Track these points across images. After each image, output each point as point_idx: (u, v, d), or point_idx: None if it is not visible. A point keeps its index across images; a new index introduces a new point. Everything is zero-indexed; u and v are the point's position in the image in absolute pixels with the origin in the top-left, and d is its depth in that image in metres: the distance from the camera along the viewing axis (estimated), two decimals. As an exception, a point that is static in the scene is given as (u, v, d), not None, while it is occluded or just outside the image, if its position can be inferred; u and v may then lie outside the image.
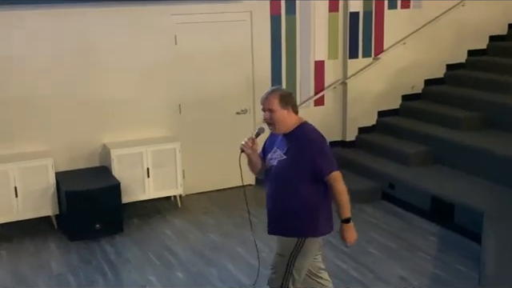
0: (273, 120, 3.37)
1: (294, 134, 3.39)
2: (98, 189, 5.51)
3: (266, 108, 3.39)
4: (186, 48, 6.24)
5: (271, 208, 3.51)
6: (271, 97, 3.37)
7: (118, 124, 6.09)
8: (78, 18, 5.72)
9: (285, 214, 3.44)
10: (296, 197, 3.39)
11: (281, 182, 3.41)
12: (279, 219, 3.48)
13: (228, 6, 6.30)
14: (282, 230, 3.48)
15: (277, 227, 3.50)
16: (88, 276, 4.70)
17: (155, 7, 5.99)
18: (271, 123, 3.39)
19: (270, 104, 3.36)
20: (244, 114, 6.67)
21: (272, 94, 3.38)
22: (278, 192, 3.46)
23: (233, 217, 5.92)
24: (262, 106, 3.41)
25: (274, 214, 3.51)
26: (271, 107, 3.35)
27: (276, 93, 3.39)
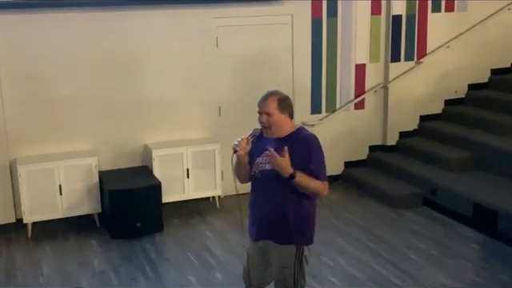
0: (270, 123, 3.27)
1: (290, 138, 3.29)
2: (139, 188, 5.60)
3: (263, 111, 3.29)
4: (227, 51, 6.29)
5: (275, 214, 3.29)
6: (269, 100, 3.28)
7: (159, 125, 6.18)
8: (122, 20, 5.83)
9: (286, 222, 3.27)
10: (299, 204, 3.29)
11: (280, 188, 3.24)
12: (279, 228, 3.29)
13: (269, 9, 6.32)
14: (282, 238, 3.29)
15: (275, 235, 3.30)
16: (129, 274, 4.78)
17: (197, 10, 6.06)
18: (268, 126, 3.29)
19: (267, 107, 3.27)
20: (285, 116, 6.66)
21: (270, 97, 3.30)
22: (278, 197, 3.27)
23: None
24: (259, 108, 3.31)
25: (277, 221, 3.29)
26: (269, 110, 3.27)
27: (274, 96, 3.31)
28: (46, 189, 5.51)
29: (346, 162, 7.05)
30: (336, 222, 5.81)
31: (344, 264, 4.91)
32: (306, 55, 6.61)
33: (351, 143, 7.01)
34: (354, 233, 5.54)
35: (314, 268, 4.81)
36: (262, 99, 3.32)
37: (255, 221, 3.37)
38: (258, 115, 3.33)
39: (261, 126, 3.33)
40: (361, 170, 6.96)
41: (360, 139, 7.05)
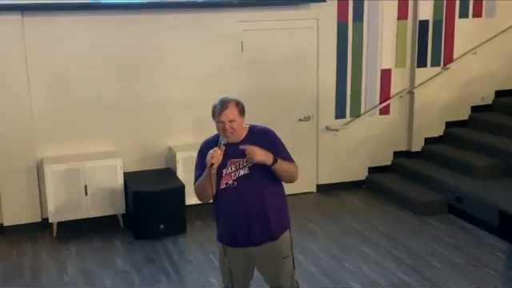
0: (233, 130, 3.27)
1: (250, 138, 3.33)
2: (163, 190, 5.65)
3: (226, 119, 3.24)
4: (251, 54, 6.31)
5: (256, 218, 3.29)
6: (230, 107, 3.27)
7: (183, 127, 6.22)
8: (149, 24, 5.89)
9: (275, 215, 3.34)
10: (276, 193, 3.39)
11: (259, 187, 3.28)
12: (272, 223, 3.33)
13: (295, 13, 6.32)
14: (278, 231, 3.37)
15: (272, 233, 3.35)
16: (151, 275, 4.81)
17: (223, 14, 6.09)
18: (232, 133, 3.27)
19: (231, 115, 3.26)
20: (307, 121, 6.66)
21: (230, 104, 3.28)
22: (259, 199, 3.28)
23: (292, 223, 5.80)
24: (221, 117, 3.25)
25: (262, 223, 3.30)
26: (232, 117, 3.25)
27: (233, 102, 3.30)
28: (71, 189, 5.58)
29: (369, 167, 6.99)
30: (359, 228, 5.77)
31: (366, 270, 4.87)
32: (331, 59, 6.59)
33: (375, 149, 6.96)
34: (376, 239, 5.50)
35: (336, 274, 4.81)
36: (222, 108, 3.27)
37: (233, 231, 3.33)
38: (220, 125, 3.26)
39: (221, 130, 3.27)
40: (385, 176, 6.90)
41: (384, 145, 7.00)
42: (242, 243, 3.35)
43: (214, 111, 3.32)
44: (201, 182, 3.30)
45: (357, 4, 6.55)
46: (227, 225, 3.37)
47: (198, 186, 3.34)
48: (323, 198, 6.68)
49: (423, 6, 6.73)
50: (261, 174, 3.26)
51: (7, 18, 5.37)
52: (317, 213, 6.24)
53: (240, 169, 3.27)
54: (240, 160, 3.27)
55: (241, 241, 3.34)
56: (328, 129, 6.72)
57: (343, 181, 6.87)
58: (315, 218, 6.08)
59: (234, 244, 3.37)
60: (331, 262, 5.04)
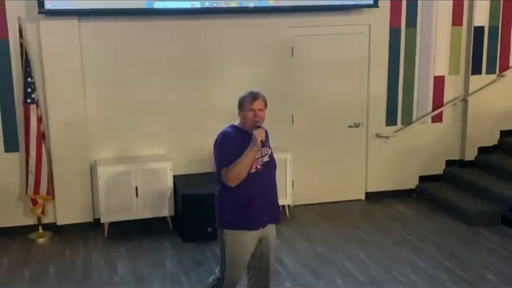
0: (261, 118, 3.65)
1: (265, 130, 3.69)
2: (211, 194, 5.63)
3: (257, 108, 3.63)
4: (302, 60, 6.29)
5: (273, 200, 3.78)
6: (261, 97, 3.67)
7: (232, 132, 6.24)
8: (199, 29, 5.95)
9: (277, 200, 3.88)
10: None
11: (274, 173, 3.79)
12: (278, 206, 3.88)
13: (347, 18, 6.28)
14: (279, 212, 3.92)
15: (278, 214, 3.86)
16: (200, 277, 4.84)
17: (274, 20, 6.10)
18: (261, 121, 3.64)
19: (262, 104, 3.66)
20: (356, 127, 6.59)
21: (260, 95, 3.68)
22: (273, 184, 3.78)
23: (341, 231, 5.86)
24: (255, 105, 3.62)
25: (274, 205, 3.80)
26: (261, 107, 3.65)
27: (261, 94, 3.70)
28: (123, 190, 5.69)
29: (420, 176, 6.85)
30: (409, 238, 5.65)
31: (416, 280, 4.77)
32: (383, 65, 6.51)
33: (427, 157, 6.82)
34: (427, 249, 5.37)
35: (385, 283, 4.73)
36: (254, 98, 3.64)
37: (255, 214, 3.63)
38: (251, 113, 3.61)
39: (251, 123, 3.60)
40: (436, 185, 6.74)
41: (436, 153, 6.85)
42: (265, 223, 3.68)
43: (244, 101, 3.66)
44: (245, 163, 3.53)
45: (410, 9, 6.45)
46: (246, 207, 3.60)
47: (242, 167, 3.53)
48: (372, 206, 6.58)
49: (479, 11, 6.57)
50: (273, 162, 3.75)
51: (65, 22, 5.53)
52: (365, 221, 6.15)
53: (264, 156, 3.66)
54: (263, 148, 3.65)
55: (265, 221, 3.68)
56: (378, 136, 6.62)
57: (393, 189, 6.76)
58: (364, 226, 6.00)
59: (257, 225, 3.65)
60: (380, 270, 4.96)
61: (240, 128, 3.69)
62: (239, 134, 3.64)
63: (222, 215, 3.71)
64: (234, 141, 3.60)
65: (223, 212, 3.70)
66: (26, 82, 5.45)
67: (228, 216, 3.67)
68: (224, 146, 3.64)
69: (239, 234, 3.63)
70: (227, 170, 3.54)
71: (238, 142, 3.59)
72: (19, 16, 5.42)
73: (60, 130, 5.68)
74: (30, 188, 5.57)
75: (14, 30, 5.44)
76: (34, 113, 5.47)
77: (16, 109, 5.62)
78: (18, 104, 5.59)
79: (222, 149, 3.64)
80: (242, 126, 3.69)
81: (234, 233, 3.64)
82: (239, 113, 3.71)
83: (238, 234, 3.63)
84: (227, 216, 3.67)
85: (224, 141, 3.66)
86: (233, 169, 3.52)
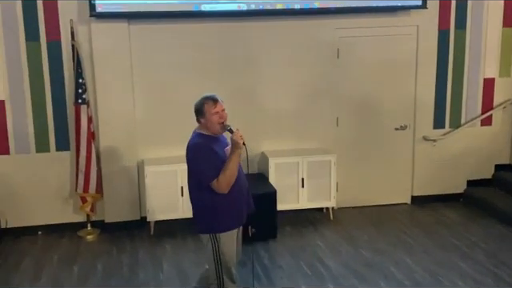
0: (225, 118, 3.75)
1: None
2: (255, 195, 5.65)
3: (221, 109, 3.73)
4: (347, 61, 6.25)
5: (247, 189, 3.94)
6: (219, 98, 3.76)
7: (276, 133, 6.27)
8: (245, 30, 6.00)
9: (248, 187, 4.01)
10: None
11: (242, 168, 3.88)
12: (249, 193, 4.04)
13: (394, 19, 6.20)
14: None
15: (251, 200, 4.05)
16: (243, 278, 4.84)
17: (319, 21, 6.08)
18: (225, 121, 3.73)
19: (222, 104, 3.75)
20: (403, 130, 6.49)
21: (218, 97, 3.77)
22: (242, 173, 3.85)
23: (386, 234, 5.79)
24: (217, 107, 3.71)
25: (248, 193, 3.98)
26: (223, 107, 3.75)
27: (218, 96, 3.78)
28: (169, 190, 5.78)
29: (468, 180, 6.70)
30: (456, 243, 5.54)
31: (463, 286, 4.67)
32: (431, 68, 6.40)
33: (475, 161, 6.66)
34: (475, 255, 5.25)
35: (432, 288, 4.65)
36: (215, 100, 3.74)
37: (241, 207, 3.81)
38: (216, 115, 3.70)
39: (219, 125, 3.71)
40: (485, 190, 6.58)
41: (485, 157, 6.68)
42: (245, 215, 3.88)
43: (205, 107, 3.71)
44: (234, 168, 3.63)
45: (459, 10, 6.33)
46: (234, 206, 3.74)
47: (232, 173, 3.63)
48: (418, 211, 6.47)
49: (532, 12, 6.39)
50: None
51: (115, 25, 5.66)
52: (411, 225, 6.06)
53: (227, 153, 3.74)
54: (228, 147, 3.75)
55: (245, 213, 3.88)
56: (425, 139, 6.51)
57: (440, 193, 6.63)
58: (410, 230, 5.91)
59: (241, 222, 3.84)
60: (426, 275, 4.87)
61: (207, 135, 3.74)
62: (210, 141, 3.72)
63: (210, 221, 3.72)
64: (212, 150, 3.66)
65: (212, 218, 3.71)
66: (77, 83, 5.61)
67: (221, 220, 3.72)
68: (205, 158, 3.66)
69: (233, 233, 3.77)
70: (218, 180, 3.60)
71: (214, 150, 3.67)
72: (71, 19, 5.58)
73: (109, 129, 5.82)
74: (80, 186, 5.73)
75: (66, 32, 5.61)
76: (84, 113, 5.63)
77: (67, 109, 5.79)
78: (70, 104, 5.76)
79: (205, 161, 3.65)
80: (208, 131, 3.75)
81: (228, 234, 3.74)
82: (200, 120, 3.75)
83: (232, 234, 3.76)
84: (220, 221, 3.72)
85: (203, 153, 3.67)
86: (224, 177, 3.60)
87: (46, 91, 5.73)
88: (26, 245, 5.66)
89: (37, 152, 5.81)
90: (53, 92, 5.75)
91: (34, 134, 5.78)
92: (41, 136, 5.79)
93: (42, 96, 5.72)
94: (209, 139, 3.72)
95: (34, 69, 5.67)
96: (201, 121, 3.74)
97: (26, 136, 5.76)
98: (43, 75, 5.70)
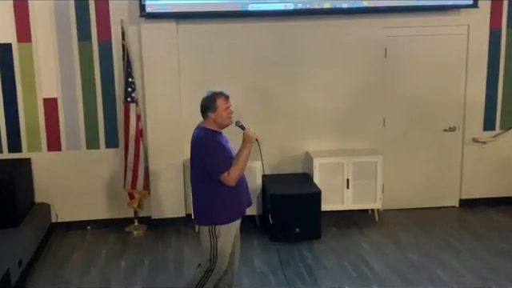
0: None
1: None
2: (300, 194, 5.71)
3: (230, 104, 3.85)
4: (395, 61, 6.17)
5: (247, 184, 4.06)
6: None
7: (321, 133, 6.24)
8: (292, 30, 6.00)
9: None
10: None
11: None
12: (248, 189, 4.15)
13: (444, 19, 6.08)
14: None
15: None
16: (288, 277, 4.86)
17: (367, 20, 6.03)
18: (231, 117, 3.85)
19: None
20: (452, 131, 6.36)
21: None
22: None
23: (433, 237, 5.69)
24: (228, 103, 3.85)
25: (248, 189, 4.08)
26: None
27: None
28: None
29: (520, 183, 6.52)
30: (507, 248, 5.39)
31: (514, 293, 4.55)
32: (481, 68, 6.25)
33: (527, 164, 6.47)
34: (527, 261, 5.11)
35: (481, 294, 4.55)
36: (227, 96, 3.86)
37: (241, 199, 3.91)
38: (227, 110, 3.84)
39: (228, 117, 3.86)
40: (537, 194, 6.39)
41: (538, 160, 6.49)
42: (245, 208, 3.99)
43: (218, 102, 3.80)
44: (245, 163, 3.78)
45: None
46: (237, 199, 3.85)
47: (243, 167, 3.78)
48: (467, 214, 6.33)
49: None
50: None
51: (164, 25, 5.75)
52: (460, 229, 5.93)
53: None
54: (229, 143, 3.91)
55: (245, 206, 3.99)
56: (475, 141, 6.36)
57: (490, 196, 6.47)
58: (457, 233, 5.79)
59: (240, 215, 3.94)
60: (474, 280, 4.76)
61: (212, 130, 3.83)
62: (216, 136, 3.83)
63: (213, 212, 3.80)
64: (221, 143, 3.79)
65: (215, 209, 3.80)
66: (126, 82, 5.73)
67: (221, 212, 3.80)
68: (216, 150, 3.76)
69: (232, 225, 3.87)
70: (229, 173, 3.71)
71: (222, 144, 3.78)
72: (122, 19, 5.71)
73: (157, 127, 5.92)
74: (128, 183, 5.85)
75: (116, 32, 5.74)
76: (133, 111, 5.74)
77: (117, 107, 5.92)
78: (119, 103, 5.89)
79: (217, 154, 3.75)
80: (214, 126, 3.81)
81: (227, 226, 3.81)
82: (209, 114, 3.81)
83: (230, 226, 3.86)
84: (219, 212, 3.80)
85: (214, 146, 3.77)
86: (235, 170, 3.73)
87: (96, 90, 5.88)
88: (75, 239, 5.83)
89: (87, 149, 5.97)
90: (103, 90, 5.89)
91: (84, 131, 5.94)
92: (91, 133, 5.94)
93: (92, 94, 5.88)
94: (215, 133, 3.84)
95: (85, 68, 5.82)
96: (209, 115, 3.81)
97: (77, 133, 5.93)
98: (94, 74, 5.85)
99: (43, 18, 5.67)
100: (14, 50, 5.69)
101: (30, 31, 5.67)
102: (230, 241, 3.91)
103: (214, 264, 3.88)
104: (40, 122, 5.85)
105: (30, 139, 5.87)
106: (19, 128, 5.83)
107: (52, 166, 5.92)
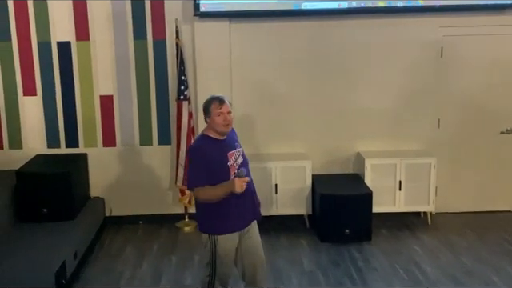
0: (230, 121, 3.70)
1: (231, 133, 3.82)
2: (350, 195, 5.66)
3: (226, 110, 3.67)
4: (451, 61, 6.02)
5: (254, 195, 3.86)
6: (227, 101, 3.70)
7: (373, 134, 6.16)
8: (344, 29, 5.94)
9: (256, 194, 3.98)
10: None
11: (249, 170, 3.80)
12: (258, 202, 3.99)
13: (502, 18, 5.89)
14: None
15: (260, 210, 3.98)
16: (337, 278, 4.84)
17: (422, 19, 5.90)
18: (229, 124, 3.68)
19: (229, 107, 3.70)
20: (509, 134, 6.16)
21: (226, 99, 3.71)
22: (251, 180, 3.77)
23: (488, 242, 5.53)
24: (224, 108, 3.65)
25: (256, 201, 3.92)
26: (230, 110, 3.70)
27: (227, 98, 3.73)
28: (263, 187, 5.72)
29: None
30: None
31: None
32: (542, 68, 6.04)
33: None
34: None
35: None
36: (222, 101, 3.67)
37: (242, 212, 3.75)
38: (220, 116, 3.63)
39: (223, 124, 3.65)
40: None
41: None
42: (248, 222, 3.82)
43: (211, 106, 3.67)
44: (217, 196, 3.59)
45: None
46: (236, 209, 3.68)
47: (212, 198, 3.60)
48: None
49: None
50: (246, 160, 3.85)
51: (217, 24, 5.81)
52: (515, 234, 5.76)
53: (237, 158, 3.73)
54: (235, 150, 3.74)
55: (247, 219, 3.82)
56: (518, 137, 6.15)
57: (547, 201, 6.25)
58: (513, 239, 5.62)
59: (243, 225, 3.79)
60: None
61: (210, 137, 3.70)
62: (210, 145, 3.67)
63: (210, 222, 3.72)
64: (204, 157, 3.62)
65: (211, 218, 3.71)
66: (179, 80, 5.81)
67: (217, 222, 3.70)
68: (195, 163, 3.66)
69: (230, 237, 3.73)
70: (198, 191, 3.62)
71: (208, 157, 3.61)
72: (176, 18, 5.79)
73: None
74: (179, 179, 5.93)
75: (171, 31, 5.83)
76: (185, 109, 5.82)
77: (170, 105, 6.02)
78: (172, 100, 5.98)
79: (194, 167, 3.67)
80: (212, 132, 3.69)
81: (226, 237, 3.71)
82: (206, 119, 3.71)
83: (228, 237, 3.72)
84: (216, 222, 3.70)
85: (195, 158, 3.67)
86: (203, 194, 3.62)
87: (150, 87, 5.99)
88: (128, 233, 5.96)
89: (140, 145, 6.09)
90: (157, 88, 6.00)
91: (138, 127, 6.06)
92: (145, 130, 6.06)
93: (146, 92, 5.99)
94: (210, 142, 3.69)
95: (140, 66, 5.94)
96: (207, 120, 3.73)
97: (131, 129, 6.06)
98: (148, 72, 5.96)
99: (101, 17, 5.82)
100: (72, 48, 5.87)
101: (88, 30, 5.84)
102: (229, 250, 3.78)
103: (213, 274, 3.81)
104: (96, 118, 6.01)
105: (87, 135, 6.04)
106: (76, 124, 6.01)
107: (107, 161, 6.08)
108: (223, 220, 3.71)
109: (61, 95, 5.95)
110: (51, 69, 5.90)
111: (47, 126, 6.01)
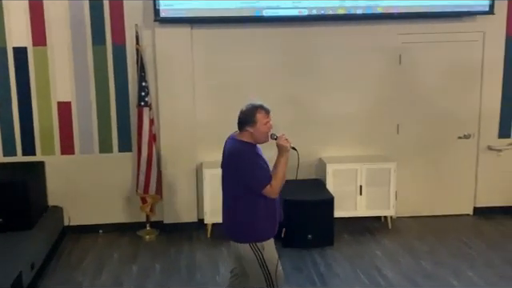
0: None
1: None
2: (312, 201, 5.68)
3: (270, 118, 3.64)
4: (409, 68, 6.13)
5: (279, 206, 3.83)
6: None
7: (335, 139, 6.21)
8: (305, 36, 5.98)
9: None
10: None
11: None
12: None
13: (459, 25, 6.04)
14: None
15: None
16: (299, 283, 4.84)
17: (381, 26, 5.99)
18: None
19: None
20: (467, 139, 6.30)
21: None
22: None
23: (448, 245, 5.63)
24: (269, 117, 3.64)
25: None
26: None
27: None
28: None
29: (535, 193, 6.44)
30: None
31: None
32: (497, 75, 6.19)
33: (544, 172, 6.39)
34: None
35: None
36: (268, 110, 3.65)
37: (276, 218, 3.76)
38: (268, 124, 3.63)
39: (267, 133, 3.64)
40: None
41: (555, 169, 6.40)
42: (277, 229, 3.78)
43: (259, 114, 3.60)
44: (284, 172, 3.61)
45: (529, 16, 6.10)
46: (274, 213, 3.70)
47: (284, 177, 3.62)
48: (481, 222, 6.26)
49: None
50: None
51: (178, 30, 5.77)
52: (474, 237, 5.86)
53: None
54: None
55: (275, 228, 3.76)
56: (490, 148, 6.30)
57: (505, 205, 6.39)
58: (472, 242, 5.72)
59: (276, 229, 3.76)
60: (490, 289, 4.71)
61: (249, 143, 3.63)
62: (254, 148, 3.65)
63: (256, 229, 3.63)
64: (260, 157, 3.63)
65: (256, 225, 3.63)
66: (140, 86, 5.74)
67: (262, 228, 3.65)
68: (258, 164, 3.59)
69: (272, 241, 3.71)
70: (271, 185, 3.56)
71: (261, 157, 3.64)
72: (136, 23, 5.72)
73: (170, 132, 5.92)
74: (141, 187, 5.85)
75: (130, 36, 5.76)
76: (146, 115, 5.75)
77: (130, 111, 5.93)
78: (132, 107, 5.90)
79: (258, 167, 3.58)
80: (253, 140, 3.63)
81: (268, 242, 3.67)
82: (247, 128, 3.60)
83: (271, 241, 3.69)
84: (261, 228, 3.64)
85: (254, 159, 3.59)
86: (276, 182, 3.58)
87: (110, 94, 5.90)
88: (87, 242, 5.83)
89: (100, 152, 5.99)
90: (117, 94, 5.91)
91: (97, 134, 5.95)
92: (104, 137, 5.96)
93: (106, 98, 5.90)
94: (253, 147, 3.65)
95: (99, 72, 5.85)
96: (247, 129, 3.60)
97: (90, 137, 5.95)
98: (108, 78, 5.87)
99: (58, 22, 5.70)
100: (29, 53, 5.73)
101: (45, 35, 5.71)
102: (274, 251, 3.71)
103: (270, 278, 3.68)
104: (54, 125, 5.88)
105: (44, 142, 5.90)
106: (33, 131, 5.87)
107: (65, 169, 5.95)
108: (266, 225, 3.66)
109: (17, 101, 5.81)
110: (7, 75, 5.75)
111: (3, 133, 5.85)
